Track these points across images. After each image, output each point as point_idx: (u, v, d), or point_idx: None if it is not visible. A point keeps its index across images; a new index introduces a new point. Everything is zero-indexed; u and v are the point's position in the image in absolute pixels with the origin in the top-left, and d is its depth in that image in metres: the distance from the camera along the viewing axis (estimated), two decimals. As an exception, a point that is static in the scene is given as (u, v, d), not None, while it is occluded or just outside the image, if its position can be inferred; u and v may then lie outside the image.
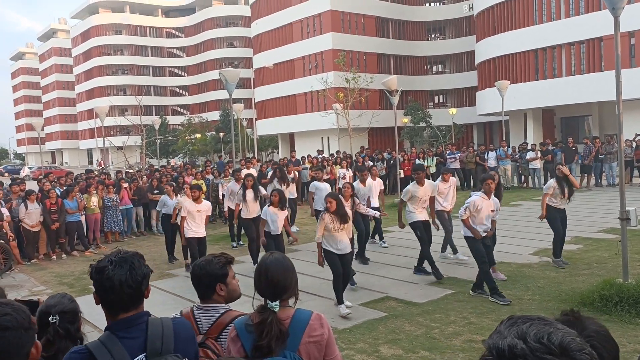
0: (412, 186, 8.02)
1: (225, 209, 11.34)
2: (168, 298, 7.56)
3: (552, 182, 8.05)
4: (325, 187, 10.47)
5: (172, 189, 10.90)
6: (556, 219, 7.98)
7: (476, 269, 7.02)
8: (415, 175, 8.08)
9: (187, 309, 2.60)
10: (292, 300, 2.31)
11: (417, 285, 7.48)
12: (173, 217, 10.06)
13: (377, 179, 10.05)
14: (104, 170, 18.95)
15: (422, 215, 7.90)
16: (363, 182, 9.51)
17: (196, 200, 8.63)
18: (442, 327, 5.67)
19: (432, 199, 8.07)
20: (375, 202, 9.63)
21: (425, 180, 8.03)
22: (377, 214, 8.44)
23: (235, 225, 11.18)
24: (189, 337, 1.99)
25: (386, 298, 6.90)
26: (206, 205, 8.82)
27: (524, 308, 6.21)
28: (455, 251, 8.82)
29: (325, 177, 17.92)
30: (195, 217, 8.61)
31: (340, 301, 6.32)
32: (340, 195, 6.94)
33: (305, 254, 9.98)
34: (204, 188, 14.17)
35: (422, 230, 7.84)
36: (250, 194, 9.46)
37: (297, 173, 14.27)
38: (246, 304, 2.45)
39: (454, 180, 8.96)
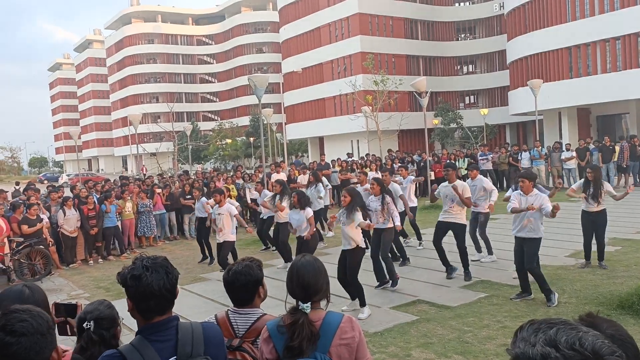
0: (442, 185, 7.98)
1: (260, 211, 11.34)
2: (200, 302, 7.67)
3: (579, 183, 7.98)
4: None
5: (201, 193, 11.12)
6: (586, 222, 7.89)
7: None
8: (444, 172, 7.99)
9: (222, 312, 2.64)
10: (324, 302, 2.33)
11: (449, 288, 7.39)
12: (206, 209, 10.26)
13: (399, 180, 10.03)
14: (140, 177, 19.38)
15: (445, 215, 7.78)
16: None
17: (219, 203, 8.66)
18: (476, 331, 5.59)
19: (467, 200, 7.78)
20: (412, 202, 9.72)
21: (458, 180, 7.88)
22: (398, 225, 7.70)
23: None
24: (218, 341, 2.01)
25: (417, 301, 6.84)
26: (225, 208, 8.58)
27: (560, 312, 6.05)
28: (479, 251, 8.77)
29: (354, 180, 17.93)
30: (217, 221, 8.66)
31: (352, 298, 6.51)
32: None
33: (335, 257, 9.97)
34: (234, 192, 14.37)
35: (438, 232, 7.80)
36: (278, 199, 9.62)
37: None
38: (277, 307, 2.48)
39: (482, 178, 8.70)
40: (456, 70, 45.02)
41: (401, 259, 8.83)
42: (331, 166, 18.88)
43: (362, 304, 6.37)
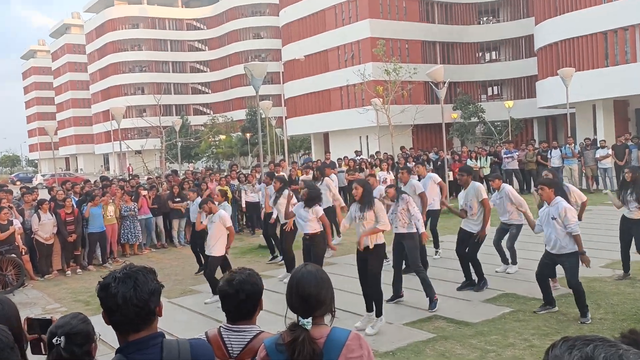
0: (462, 192, 8.13)
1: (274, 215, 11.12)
2: (191, 317, 7.69)
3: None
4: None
5: (196, 194, 11.12)
6: (623, 229, 7.94)
7: (536, 284, 6.86)
8: (459, 176, 8.06)
9: (214, 330, 2.64)
10: (328, 317, 2.33)
11: (470, 302, 7.38)
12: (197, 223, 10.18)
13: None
14: (124, 177, 19.41)
15: (467, 222, 7.82)
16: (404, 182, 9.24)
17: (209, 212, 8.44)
18: (499, 351, 5.58)
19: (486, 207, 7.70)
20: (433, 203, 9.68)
21: (474, 183, 7.88)
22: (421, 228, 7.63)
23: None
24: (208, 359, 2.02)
25: (434, 317, 6.84)
26: (217, 215, 8.22)
27: (594, 329, 6.03)
28: (505, 262, 8.80)
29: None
30: (208, 231, 8.45)
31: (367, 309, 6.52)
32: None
33: (342, 268, 9.99)
34: (229, 194, 14.40)
35: (460, 241, 7.82)
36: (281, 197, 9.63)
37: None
38: (277, 324, 2.49)
39: (507, 189, 8.52)
40: (477, 58, 44.93)
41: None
42: (337, 165, 18.89)
43: (378, 313, 6.36)
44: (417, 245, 7.42)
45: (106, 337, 5.72)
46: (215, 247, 8.22)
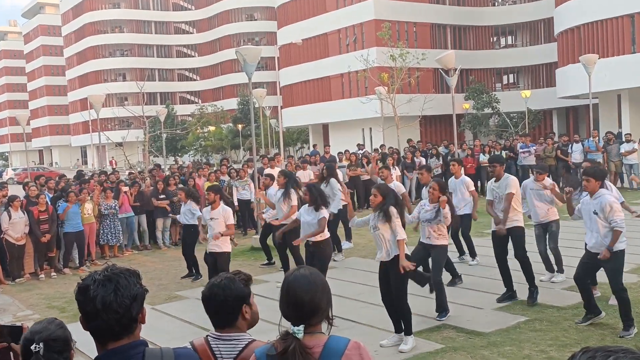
0: (491, 181, 7.95)
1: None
2: (177, 325, 7.70)
3: None
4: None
5: (187, 195, 11.03)
6: None
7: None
8: (490, 168, 7.90)
9: (200, 339, 2.64)
10: (325, 326, 2.34)
11: (482, 310, 7.40)
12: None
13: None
14: (106, 171, 19.37)
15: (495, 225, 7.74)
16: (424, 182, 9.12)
17: (212, 204, 8.64)
18: (514, 363, 5.60)
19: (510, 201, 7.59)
20: (464, 209, 9.50)
21: (506, 174, 7.74)
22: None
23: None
24: None
25: (443, 326, 6.86)
26: (219, 212, 8.51)
27: (618, 340, 6.05)
28: (550, 270, 8.60)
29: (365, 177, 17.93)
30: (208, 228, 8.69)
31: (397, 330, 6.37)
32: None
33: (342, 272, 10.00)
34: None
35: (496, 244, 7.71)
36: (280, 193, 9.63)
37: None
38: (273, 332, 2.50)
39: (548, 182, 8.44)
40: (492, 43, 44.91)
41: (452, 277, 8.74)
42: (338, 160, 18.90)
43: (408, 331, 6.23)
44: (444, 259, 7.47)
45: (82, 346, 5.74)
46: (220, 243, 8.39)
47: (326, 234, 7.74)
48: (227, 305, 2.56)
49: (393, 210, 6.19)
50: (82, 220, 12.20)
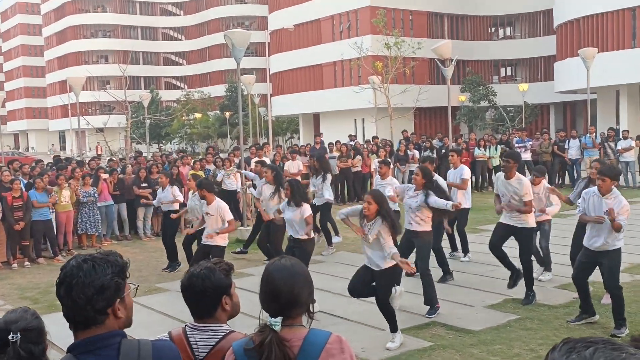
0: (499, 175, 7.82)
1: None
2: (156, 318, 7.72)
3: None
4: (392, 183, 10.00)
5: (168, 179, 11.05)
6: None
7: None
8: (504, 163, 7.72)
9: (178, 329, 2.66)
10: (306, 319, 2.34)
11: (473, 308, 7.47)
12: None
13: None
14: (84, 157, 19.28)
15: (505, 218, 7.69)
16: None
17: (205, 199, 8.46)
18: (503, 362, 5.66)
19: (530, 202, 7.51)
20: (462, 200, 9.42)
21: (518, 175, 7.59)
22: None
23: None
24: None
25: (432, 324, 6.91)
26: (214, 208, 8.33)
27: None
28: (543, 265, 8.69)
29: (356, 169, 17.97)
30: (205, 221, 8.60)
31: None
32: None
33: (330, 266, 10.04)
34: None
35: (497, 234, 7.74)
36: (268, 188, 9.61)
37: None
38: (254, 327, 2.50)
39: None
40: (490, 34, 45.01)
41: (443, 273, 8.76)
42: (328, 151, 18.91)
43: (394, 328, 6.21)
44: (430, 246, 7.54)
45: (57, 339, 5.71)
46: (215, 238, 8.34)
47: (311, 234, 7.78)
48: (206, 295, 2.57)
49: (384, 227, 5.98)
50: (59, 208, 12.15)
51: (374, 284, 6.28)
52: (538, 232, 8.51)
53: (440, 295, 7.90)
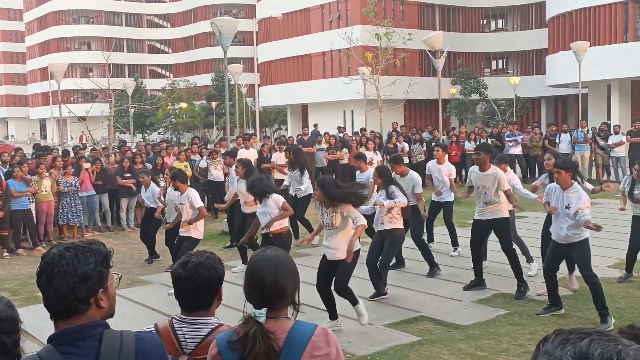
0: (473, 169, 7.97)
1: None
2: (138, 311, 7.69)
3: (628, 179, 8.20)
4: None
5: (151, 178, 10.94)
6: (635, 228, 8.13)
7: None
8: (475, 156, 7.95)
9: (165, 321, 2.64)
10: (291, 311, 2.34)
11: (461, 302, 7.51)
12: (158, 210, 10.17)
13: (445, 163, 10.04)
14: (66, 146, 19.14)
15: (480, 214, 7.83)
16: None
17: (178, 189, 8.58)
18: (491, 357, 5.70)
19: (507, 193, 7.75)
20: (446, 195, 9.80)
21: (494, 168, 7.82)
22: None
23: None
24: (157, 357, 2.01)
25: (420, 318, 6.94)
26: (185, 196, 8.41)
27: (599, 337, 6.19)
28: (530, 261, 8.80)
29: (344, 161, 17.96)
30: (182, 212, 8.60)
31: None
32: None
33: (315, 260, 10.03)
34: (189, 172, 14.27)
35: (476, 232, 7.90)
36: (242, 183, 9.56)
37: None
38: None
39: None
40: (482, 26, 45.10)
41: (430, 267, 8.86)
42: (317, 142, 18.88)
43: (355, 301, 6.52)
44: (401, 243, 7.79)
45: (35, 331, 5.68)
46: (193, 229, 8.39)
47: (287, 224, 7.81)
48: (210, 286, 2.55)
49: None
50: (39, 198, 12.04)
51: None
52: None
53: (429, 289, 7.96)
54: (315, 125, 27.65)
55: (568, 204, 6.51)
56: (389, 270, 7.88)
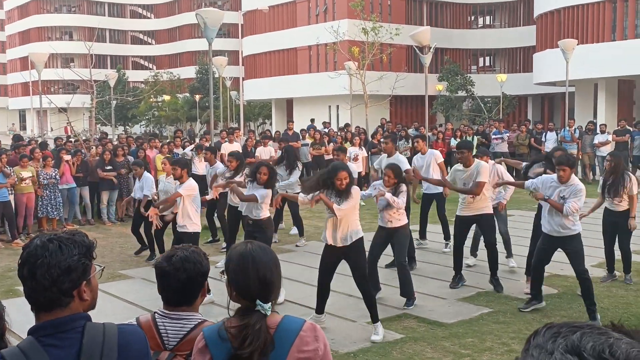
0: (457, 166, 8.07)
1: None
2: (119, 305, 7.66)
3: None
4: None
5: (143, 169, 10.82)
6: (607, 223, 8.32)
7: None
8: (459, 154, 8.01)
9: (147, 316, 2.63)
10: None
11: (445, 300, 7.56)
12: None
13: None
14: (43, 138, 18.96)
15: (465, 208, 7.89)
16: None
17: (179, 179, 8.19)
18: (475, 355, 5.74)
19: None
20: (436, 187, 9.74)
21: (477, 161, 7.91)
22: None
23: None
24: (139, 350, 1.99)
25: (404, 316, 6.98)
26: (185, 187, 8.02)
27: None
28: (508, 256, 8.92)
29: (328, 156, 17.94)
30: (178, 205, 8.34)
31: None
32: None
33: (299, 256, 10.06)
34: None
35: (458, 227, 7.97)
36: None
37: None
38: (220, 316, 2.48)
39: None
40: (469, 22, 45.29)
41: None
42: (301, 137, 18.87)
43: (375, 318, 6.36)
44: (408, 240, 7.66)
45: (17, 327, 5.63)
46: (187, 223, 7.94)
47: (268, 213, 7.80)
48: (195, 281, 2.54)
49: (356, 190, 6.39)
50: (19, 190, 11.92)
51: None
52: (496, 219, 8.74)
53: (417, 288, 7.96)
54: (312, 120, 27.50)
55: (563, 196, 6.63)
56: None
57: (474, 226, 8.28)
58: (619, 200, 8.03)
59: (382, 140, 10.42)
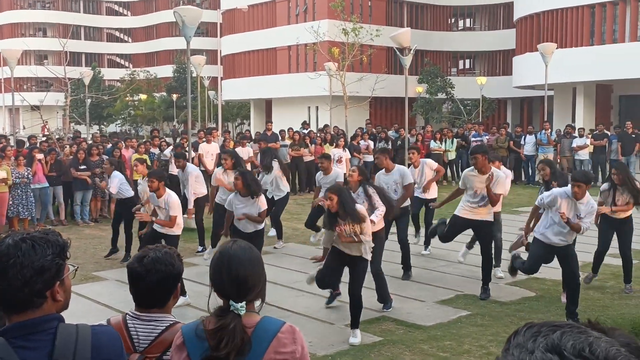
0: (469, 171, 7.86)
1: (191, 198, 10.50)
2: (92, 308, 7.58)
3: (605, 186, 8.15)
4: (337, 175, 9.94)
5: (113, 166, 10.61)
6: (606, 229, 8.12)
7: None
8: (471, 159, 7.82)
9: (118, 317, 2.61)
10: (258, 303, 2.34)
11: (424, 303, 7.59)
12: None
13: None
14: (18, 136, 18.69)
15: (466, 213, 7.78)
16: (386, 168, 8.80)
17: (155, 192, 7.82)
18: (453, 358, 5.77)
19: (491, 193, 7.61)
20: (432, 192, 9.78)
21: (493, 168, 7.71)
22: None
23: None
24: (113, 352, 1.97)
25: (382, 318, 6.99)
26: (164, 201, 7.72)
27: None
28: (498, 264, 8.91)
29: (308, 158, 17.95)
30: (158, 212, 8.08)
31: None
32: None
33: (278, 258, 10.04)
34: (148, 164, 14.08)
35: (453, 225, 7.93)
36: (229, 174, 9.53)
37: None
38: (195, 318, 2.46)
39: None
40: (449, 25, 45.61)
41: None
42: (280, 138, 18.84)
43: (355, 324, 6.35)
44: (383, 245, 7.53)
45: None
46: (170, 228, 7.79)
47: (261, 225, 7.78)
48: (168, 282, 2.51)
49: (362, 209, 6.28)
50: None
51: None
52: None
53: (392, 289, 7.99)
54: (306, 123, 27.14)
55: (579, 215, 6.71)
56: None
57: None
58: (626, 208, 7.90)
59: (375, 156, 10.29)
